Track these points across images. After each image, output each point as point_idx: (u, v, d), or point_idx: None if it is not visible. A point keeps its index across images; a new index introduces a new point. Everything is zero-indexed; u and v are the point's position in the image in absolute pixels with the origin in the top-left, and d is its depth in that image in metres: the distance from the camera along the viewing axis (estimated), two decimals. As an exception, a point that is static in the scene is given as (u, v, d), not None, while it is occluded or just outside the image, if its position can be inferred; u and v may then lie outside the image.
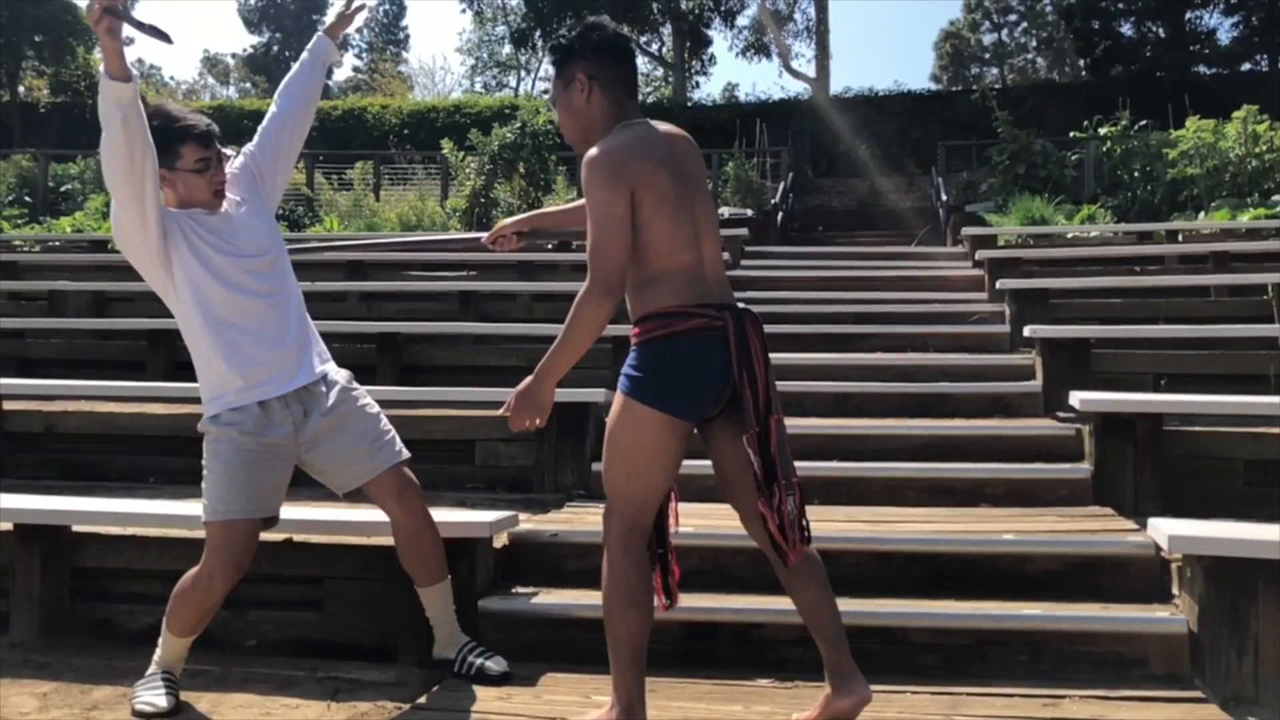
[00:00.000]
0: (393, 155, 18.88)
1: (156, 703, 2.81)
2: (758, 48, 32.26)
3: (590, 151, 2.50)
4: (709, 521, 3.52)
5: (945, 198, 14.72)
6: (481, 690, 2.94)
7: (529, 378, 2.54)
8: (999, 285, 7.10)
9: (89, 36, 25.03)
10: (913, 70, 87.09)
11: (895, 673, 2.94)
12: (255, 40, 44.55)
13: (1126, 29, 25.26)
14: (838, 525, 3.76)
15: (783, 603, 2.69)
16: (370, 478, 2.94)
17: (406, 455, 3.01)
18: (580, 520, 3.91)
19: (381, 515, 3.02)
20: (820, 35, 28.85)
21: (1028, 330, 5.65)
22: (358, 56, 46.21)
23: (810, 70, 29.62)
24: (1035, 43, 36.85)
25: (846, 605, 2.69)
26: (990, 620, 3.11)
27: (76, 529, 3.57)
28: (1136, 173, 12.52)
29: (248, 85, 43.77)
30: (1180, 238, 9.37)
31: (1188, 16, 25.37)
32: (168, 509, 3.49)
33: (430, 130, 22.36)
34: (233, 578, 2.82)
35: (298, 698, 2.95)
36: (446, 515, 3.36)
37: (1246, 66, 25.26)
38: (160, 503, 3.70)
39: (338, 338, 6.11)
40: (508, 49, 35.24)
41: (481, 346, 6.68)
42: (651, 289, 2.50)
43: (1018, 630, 3.08)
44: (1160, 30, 25.23)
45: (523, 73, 38.53)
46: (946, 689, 2.89)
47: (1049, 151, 13.14)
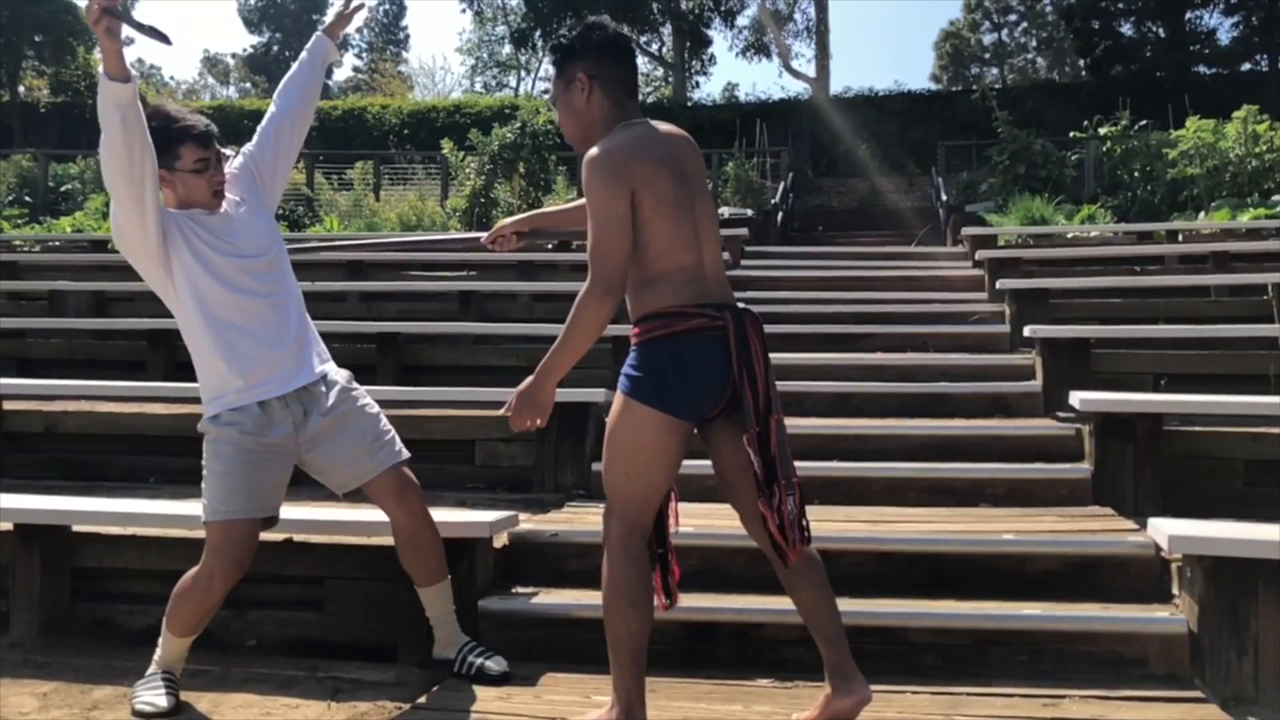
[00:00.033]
0: (393, 155, 18.89)
1: (157, 702, 2.81)
2: (758, 48, 32.28)
3: (591, 151, 2.50)
4: (709, 521, 3.52)
5: (945, 198, 14.72)
6: (481, 690, 2.94)
7: (530, 378, 2.54)
8: (999, 285, 7.10)
9: (89, 36, 25.00)
10: (913, 70, 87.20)
11: (895, 673, 2.94)
12: (255, 40, 44.62)
13: (1126, 29, 25.28)
14: (838, 525, 3.76)
15: (783, 603, 2.69)
16: (370, 478, 2.94)
17: (406, 455, 3.01)
18: (580, 520, 3.91)
19: (381, 515, 3.02)
20: (820, 35, 28.87)
21: (1028, 330, 5.65)
22: (358, 56, 46.28)
23: (810, 70, 29.66)
24: (1035, 43, 36.86)
25: (846, 605, 2.69)
26: (990, 620, 3.11)
27: (76, 529, 3.57)
28: (1136, 173, 12.53)
29: (248, 85, 43.78)
30: (1180, 238, 9.37)
31: (1188, 16, 25.39)
32: (168, 509, 3.49)
33: (430, 130, 22.37)
34: (233, 578, 2.82)
35: (298, 698, 2.95)
36: (446, 515, 3.36)
37: (1246, 66, 25.28)
38: (160, 503, 3.70)
39: (338, 338, 6.11)
40: (508, 49, 35.26)
41: (481, 346, 6.68)
42: (651, 289, 2.50)
43: (1018, 630, 3.08)
44: (1160, 30, 25.24)
45: (523, 73, 38.58)
46: (946, 689, 2.89)
47: (1049, 151, 13.14)
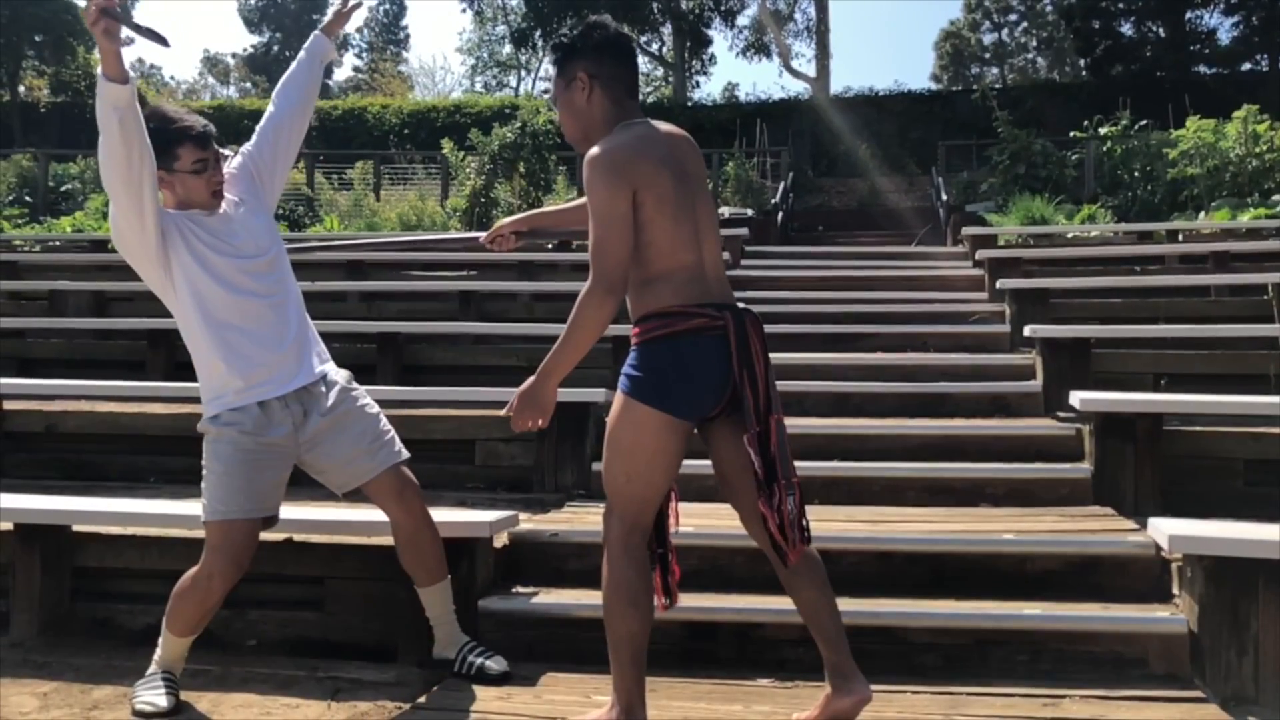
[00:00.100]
0: (393, 155, 18.92)
1: (157, 702, 2.81)
2: (758, 47, 32.28)
3: (592, 150, 2.50)
4: (709, 521, 3.52)
5: (945, 197, 14.71)
6: (482, 690, 2.94)
7: (531, 378, 2.54)
8: (999, 285, 7.10)
9: (89, 36, 24.83)
10: (913, 70, 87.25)
11: (895, 672, 2.94)
12: (255, 40, 44.63)
13: (1127, 29, 25.30)
14: (838, 525, 3.76)
15: (783, 602, 2.69)
16: (370, 478, 2.94)
17: (406, 455, 3.00)
18: (580, 520, 3.91)
19: (381, 515, 3.02)
20: (820, 35, 28.88)
21: (1028, 330, 5.65)
22: (358, 56, 46.30)
23: (810, 70, 29.67)
24: (1035, 42, 36.86)
25: (846, 605, 2.69)
26: (990, 620, 3.11)
27: (77, 529, 3.57)
28: (1137, 172, 12.53)
29: (248, 85, 43.80)
30: (1180, 237, 9.36)
31: (1188, 16, 25.40)
32: (168, 509, 3.49)
33: (430, 130, 22.39)
34: (232, 577, 2.82)
35: (298, 697, 2.95)
36: (447, 515, 3.36)
37: (1247, 66, 25.29)
38: (160, 502, 3.70)
39: (338, 337, 6.11)
40: (508, 49, 35.28)
41: (481, 346, 6.69)
42: (652, 289, 2.50)
43: (1018, 630, 3.08)
44: (1160, 30, 25.25)
45: (523, 72, 38.58)
46: (946, 689, 2.89)
47: (1049, 151, 13.14)
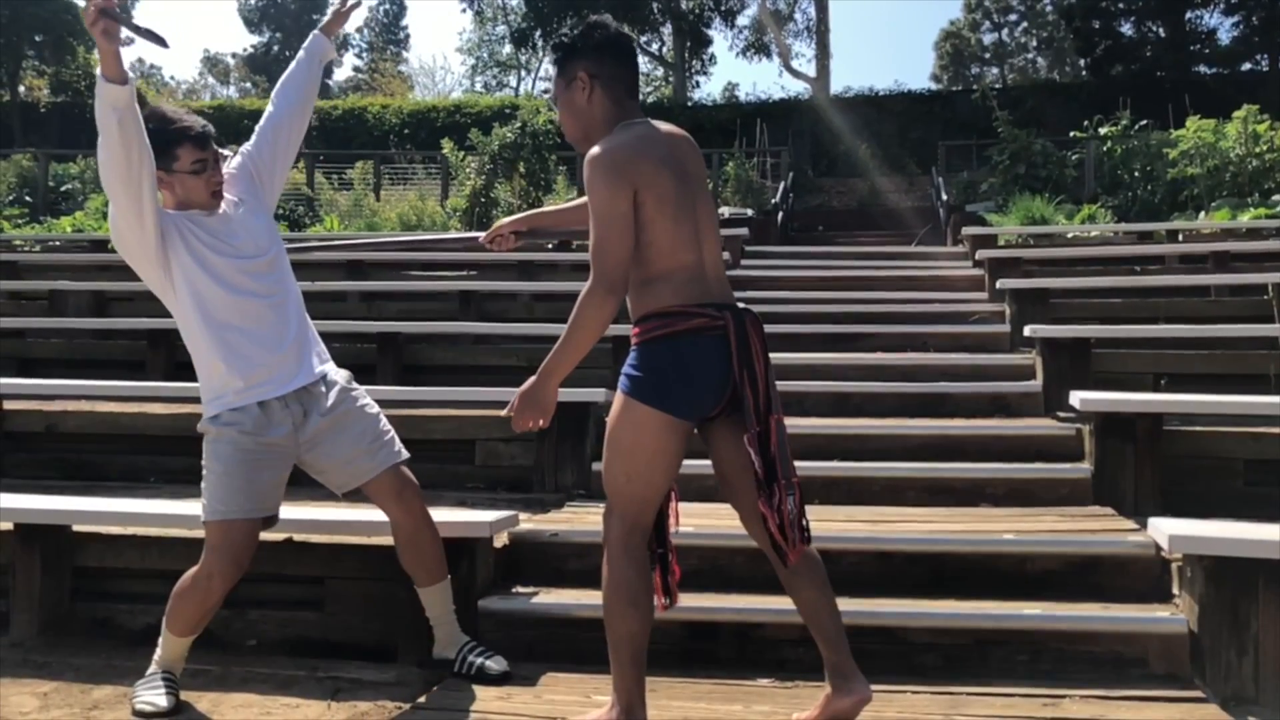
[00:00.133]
0: (393, 155, 18.93)
1: (157, 702, 2.81)
2: (758, 47, 32.28)
3: (593, 150, 2.50)
4: (709, 521, 3.52)
5: (945, 197, 14.71)
6: (482, 690, 2.94)
7: (532, 378, 2.53)
8: (999, 285, 7.09)
9: (89, 36, 24.89)
10: (913, 70, 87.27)
11: (895, 672, 2.94)
12: (255, 40, 44.63)
13: (1127, 29, 25.30)
14: (838, 525, 3.76)
15: (783, 602, 2.69)
16: (369, 478, 2.94)
17: (406, 455, 3.00)
18: (580, 520, 3.91)
19: (381, 515, 3.02)
20: (820, 35, 28.88)
21: (1028, 330, 5.65)
22: (358, 56, 46.30)
23: (810, 70, 29.67)
24: (1035, 42, 36.85)
25: (846, 605, 2.69)
26: (990, 620, 3.11)
27: (77, 529, 3.57)
28: (1137, 172, 12.53)
29: (248, 85, 43.80)
30: (1180, 237, 9.36)
31: (1188, 16, 25.40)
32: (168, 509, 3.49)
33: (430, 130, 22.39)
34: (232, 577, 2.82)
35: (298, 697, 2.95)
36: (447, 515, 3.36)
37: (1247, 66, 25.30)
38: (160, 502, 3.70)
39: (338, 337, 6.11)
40: (508, 49, 35.29)
41: (481, 346, 6.69)
42: (652, 289, 2.50)
43: (1018, 630, 3.07)
44: (1160, 30, 25.26)
45: (523, 72, 38.59)
46: (946, 689, 2.89)
47: (1049, 151, 13.14)
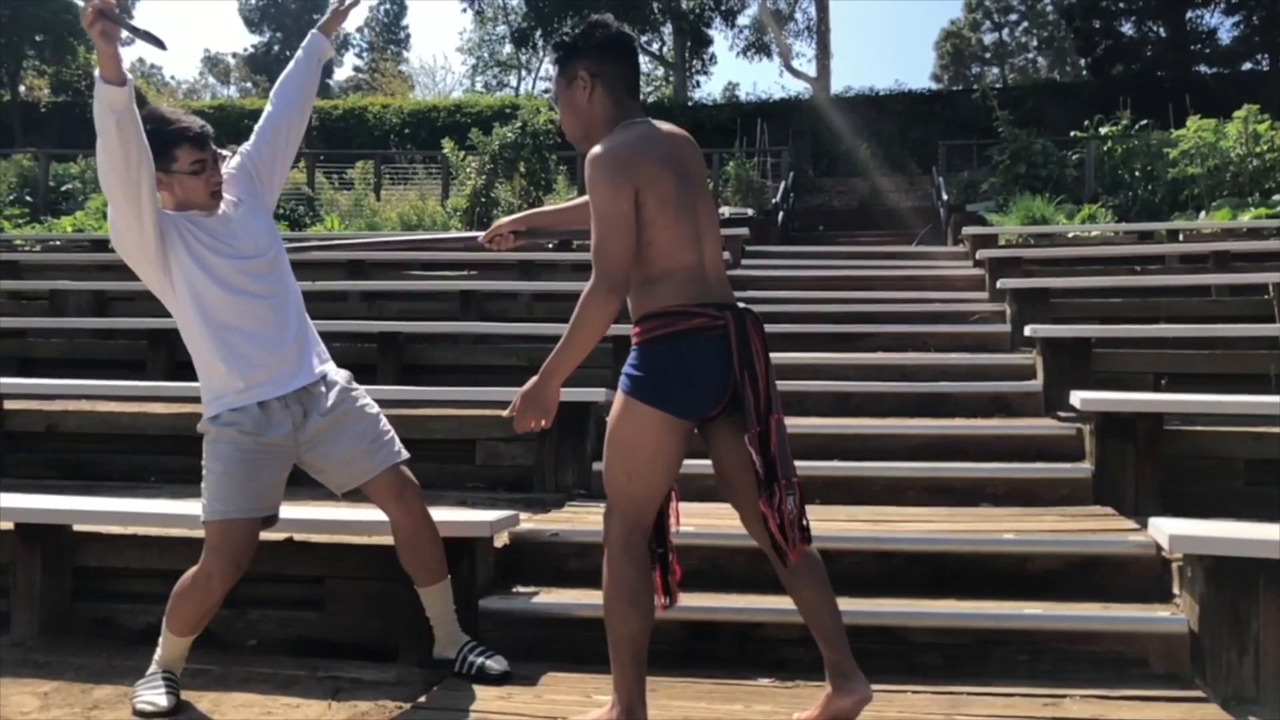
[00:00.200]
0: (393, 155, 18.93)
1: (157, 702, 2.81)
2: (758, 47, 32.28)
3: (594, 149, 2.49)
4: (709, 521, 3.52)
5: (946, 197, 14.71)
6: (482, 690, 2.93)
7: (534, 378, 2.53)
8: (999, 285, 7.09)
9: (89, 36, 25.04)
10: (913, 70, 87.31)
11: (896, 672, 2.94)
12: (256, 40, 44.66)
13: (1127, 28, 25.29)
14: (838, 525, 3.76)
15: (783, 602, 2.69)
16: (369, 477, 2.94)
17: (405, 455, 3.00)
18: (581, 520, 3.91)
19: (381, 515, 3.02)
20: (821, 35, 28.89)
21: (1028, 330, 5.65)
22: (358, 56, 46.32)
23: (811, 70, 29.68)
24: (1036, 42, 36.85)
25: (847, 605, 2.69)
26: (991, 620, 3.11)
27: (77, 528, 3.57)
28: (1137, 172, 12.52)
29: (248, 85, 43.81)
30: (1181, 237, 9.36)
31: (1188, 16, 25.39)
32: (168, 508, 3.49)
33: (431, 130, 22.39)
34: (232, 577, 2.82)
35: (298, 697, 2.95)
36: (447, 515, 3.36)
37: (1247, 66, 25.27)
38: (161, 502, 3.70)
39: (338, 337, 6.12)
40: (508, 48, 35.30)
41: (482, 346, 6.69)
42: (653, 288, 2.50)
43: (1018, 630, 3.07)
44: (1161, 30, 25.25)
45: (523, 72, 38.58)
46: (947, 688, 2.88)
47: (1050, 151, 13.14)
